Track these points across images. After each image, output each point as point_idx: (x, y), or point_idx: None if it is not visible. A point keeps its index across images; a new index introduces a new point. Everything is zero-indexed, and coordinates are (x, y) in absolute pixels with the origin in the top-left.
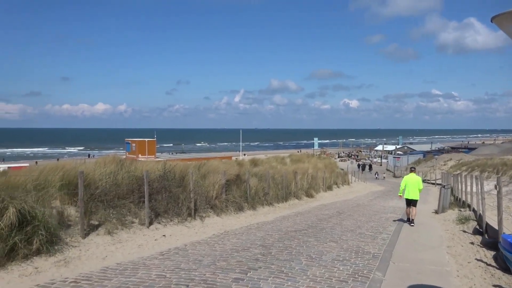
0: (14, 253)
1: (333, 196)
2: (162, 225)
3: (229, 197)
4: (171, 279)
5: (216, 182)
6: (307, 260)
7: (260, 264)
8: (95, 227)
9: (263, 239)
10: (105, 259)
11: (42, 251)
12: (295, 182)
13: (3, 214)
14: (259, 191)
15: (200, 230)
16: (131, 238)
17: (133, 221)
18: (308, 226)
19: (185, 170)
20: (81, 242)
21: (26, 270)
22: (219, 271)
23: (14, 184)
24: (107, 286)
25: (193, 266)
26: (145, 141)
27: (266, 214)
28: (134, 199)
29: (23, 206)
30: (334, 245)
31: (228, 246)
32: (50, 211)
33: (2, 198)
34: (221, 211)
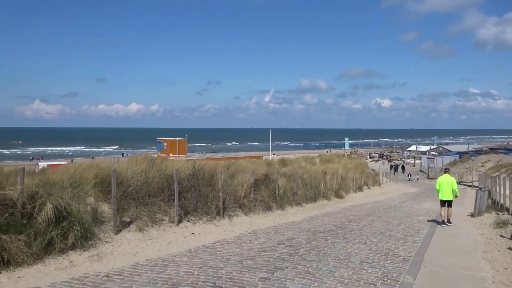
0: (51, 247)
1: (363, 197)
2: (191, 223)
3: (258, 197)
4: (198, 276)
5: (244, 182)
6: (335, 261)
7: (287, 264)
8: (127, 223)
9: (290, 239)
10: (136, 255)
11: (77, 246)
12: (324, 182)
13: (41, 210)
14: (287, 191)
15: (228, 229)
16: (161, 235)
17: (163, 218)
18: (337, 227)
19: (214, 169)
20: (113, 238)
21: (62, 263)
22: (246, 269)
23: (51, 181)
24: (137, 281)
25: (220, 264)
26: (176, 140)
27: (294, 214)
28: (164, 197)
29: (60, 202)
30: (363, 246)
31: (256, 245)
32: (84, 208)
33: (40, 194)
34: (250, 211)
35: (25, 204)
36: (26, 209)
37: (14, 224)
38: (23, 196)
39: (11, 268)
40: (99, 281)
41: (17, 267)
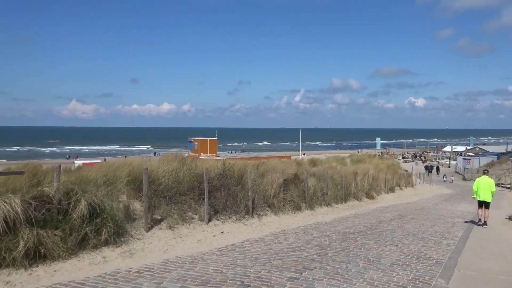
0: (85, 242)
1: (395, 198)
2: (221, 221)
3: (287, 196)
4: (227, 274)
5: (274, 181)
6: (365, 262)
7: (316, 265)
8: (157, 221)
9: (319, 240)
10: (166, 252)
11: (109, 242)
12: (355, 182)
13: (76, 206)
14: (317, 191)
15: (257, 228)
16: (190, 233)
17: (193, 217)
18: (367, 228)
19: (243, 168)
20: (144, 235)
21: (95, 259)
22: (274, 269)
23: (86, 179)
24: (167, 278)
25: (249, 263)
26: (207, 140)
27: (324, 214)
28: (195, 195)
29: (94, 200)
30: (394, 248)
31: (285, 245)
32: (117, 205)
33: (75, 191)
34: (279, 210)
35: (61, 200)
36: (62, 206)
37: (50, 219)
38: (59, 193)
39: (47, 262)
40: (131, 277)
41: (53, 261)
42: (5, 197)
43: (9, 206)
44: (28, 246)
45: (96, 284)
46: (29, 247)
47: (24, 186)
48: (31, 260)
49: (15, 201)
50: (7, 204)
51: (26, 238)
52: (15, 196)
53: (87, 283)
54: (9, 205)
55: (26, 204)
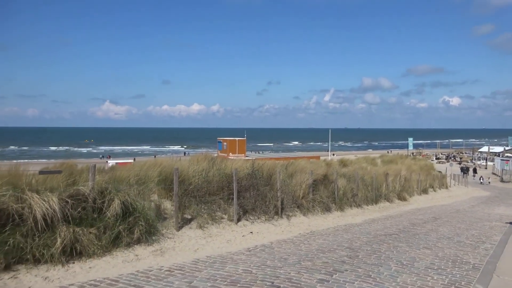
0: (118, 240)
1: (428, 200)
2: (250, 222)
3: (316, 197)
4: (256, 275)
5: (303, 182)
6: (397, 266)
7: (347, 267)
8: (188, 220)
9: (350, 241)
10: (196, 252)
11: (141, 240)
12: (386, 184)
13: (110, 205)
14: (347, 192)
15: (286, 229)
16: (220, 233)
17: (222, 216)
18: (400, 230)
19: (272, 169)
20: (175, 234)
21: (128, 256)
22: (304, 270)
23: (119, 178)
24: (198, 277)
25: (278, 264)
26: (235, 140)
27: (354, 216)
28: (224, 195)
29: (127, 199)
30: (428, 252)
31: (314, 246)
32: (149, 204)
33: (109, 190)
34: (308, 211)
35: (96, 199)
36: (97, 204)
37: (85, 217)
38: (94, 191)
39: (83, 258)
40: (162, 275)
41: (88, 258)
42: (44, 195)
43: (47, 204)
44: (65, 243)
45: (129, 282)
46: (66, 244)
47: (61, 185)
48: (68, 257)
49: (53, 199)
50: (46, 202)
51: (63, 235)
52: (53, 195)
53: (120, 280)
54: (48, 203)
55: (63, 202)
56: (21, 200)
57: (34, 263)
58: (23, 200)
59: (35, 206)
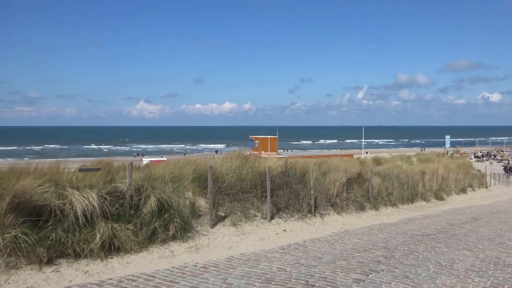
0: (154, 237)
1: (467, 199)
2: (283, 220)
3: (350, 196)
4: (291, 273)
5: (336, 180)
6: (436, 267)
7: (383, 267)
8: (221, 218)
9: (386, 241)
10: (230, 249)
11: (177, 237)
12: (422, 182)
13: (146, 202)
14: (382, 191)
15: (319, 228)
16: (253, 230)
17: (255, 214)
18: (437, 231)
19: (305, 167)
20: (209, 231)
21: (164, 253)
22: (339, 270)
23: (154, 176)
24: (232, 274)
25: (312, 262)
26: (267, 138)
27: (389, 215)
28: (257, 193)
29: (162, 196)
30: (468, 253)
31: (349, 245)
32: (183, 201)
33: (145, 188)
34: (342, 210)
35: (133, 196)
36: (133, 201)
37: (123, 214)
38: (131, 189)
39: (120, 254)
40: (197, 272)
41: (125, 254)
42: (84, 192)
43: (87, 200)
44: (103, 239)
45: (165, 277)
46: (104, 239)
47: (100, 182)
48: (106, 252)
49: (92, 196)
50: (86, 198)
51: (102, 231)
52: (92, 191)
53: (157, 276)
54: (87, 200)
55: (102, 199)
56: (62, 196)
57: (75, 257)
58: (64, 196)
59: (76, 202)
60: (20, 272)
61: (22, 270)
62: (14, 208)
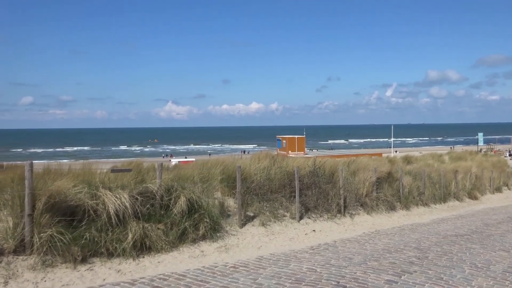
0: (184, 236)
1: (502, 199)
2: (312, 220)
3: (380, 195)
4: (321, 273)
5: (366, 180)
6: (471, 268)
7: (416, 268)
8: (250, 218)
9: (418, 242)
10: (260, 249)
11: (206, 237)
12: (455, 181)
13: (176, 202)
14: (413, 190)
15: (349, 228)
16: (282, 230)
17: (284, 214)
18: (472, 231)
19: (334, 166)
20: (238, 231)
21: (194, 252)
22: (370, 270)
23: (184, 176)
24: (262, 274)
25: (343, 263)
26: (295, 138)
27: (421, 215)
28: (286, 193)
29: (192, 196)
30: (505, 254)
31: (380, 246)
32: (213, 202)
33: (175, 188)
34: (372, 210)
35: (163, 196)
36: (164, 201)
37: (154, 214)
38: (161, 189)
39: (152, 253)
40: (227, 271)
41: (156, 253)
42: (116, 192)
43: (119, 200)
44: (135, 238)
45: (196, 277)
46: (136, 239)
47: (131, 182)
48: (138, 251)
49: (124, 196)
50: (118, 199)
51: (134, 231)
52: (124, 192)
53: (187, 275)
54: (119, 200)
55: (133, 199)
56: (95, 196)
57: (108, 256)
58: (97, 196)
59: (108, 203)
60: (55, 270)
61: (57, 268)
62: (49, 208)
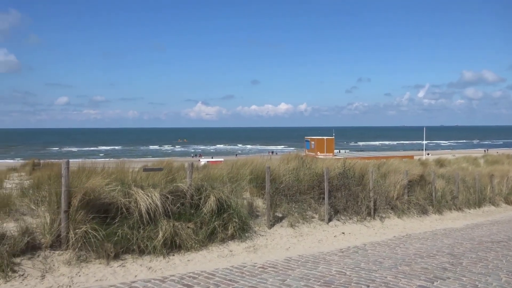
0: (213, 236)
1: None
2: (341, 222)
3: (412, 199)
4: (351, 277)
5: (397, 182)
6: (508, 277)
7: (449, 274)
8: (279, 219)
9: (451, 247)
10: (288, 250)
11: (235, 237)
12: (491, 186)
13: (205, 202)
14: (446, 194)
15: (379, 231)
16: (311, 232)
17: (313, 216)
18: (509, 238)
19: (364, 168)
20: (267, 232)
21: (223, 252)
22: (402, 275)
23: (213, 176)
24: (291, 276)
25: (373, 267)
26: (323, 139)
27: (454, 219)
28: (314, 195)
29: (221, 196)
30: None
31: (411, 250)
32: (241, 202)
33: (205, 187)
34: (402, 213)
35: (193, 195)
36: (194, 200)
37: (184, 213)
38: (192, 188)
39: (181, 251)
40: (256, 272)
41: (186, 251)
42: (147, 191)
43: (150, 199)
44: (165, 236)
45: (225, 276)
46: (166, 237)
47: (162, 181)
48: (168, 249)
49: (155, 194)
50: (149, 197)
51: (164, 229)
52: (155, 190)
53: (216, 274)
54: (151, 198)
55: (164, 197)
56: (128, 195)
57: (139, 253)
58: (129, 195)
59: (140, 201)
60: (89, 266)
61: (91, 264)
62: (84, 205)
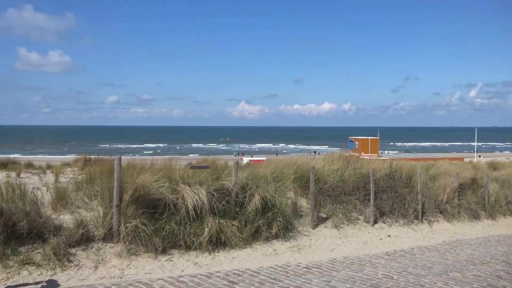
0: (258, 234)
1: None
2: (387, 225)
3: (462, 203)
4: (398, 281)
5: (447, 185)
6: None
7: (504, 283)
8: (323, 219)
9: (506, 255)
10: (333, 251)
11: (279, 236)
12: None
13: (250, 200)
14: (500, 198)
15: (427, 235)
16: (356, 234)
17: (358, 217)
18: None
19: (412, 170)
20: (311, 232)
21: (267, 250)
22: (452, 282)
23: (257, 175)
24: (336, 277)
25: (421, 272)
26: (368, 139)
27: (508, 226)
28: (360, 196)
29: (265, 195)
30: None
31: (462, 256)
32: (286, 201)
33: (249, 186)
34: (452, 217)
35: (238, 194)
36: (239, 199)
37: (229, 210)
38: (237, 187)
39: (226, 249)
40: (300, 272)
41: (231, 249)
42: (194, 188)
43: (197, 196)
44: (211, 233)
45: (269, 275)
46: (212, 234)
47: (208, 179)
48: (213, 246)
49: (201, 192)
50: (196, 194)
51: (210, 226)
52: (201, 188)
53: (261, 272)
54: (197, 195)
55: (210, 195)
56: (175, 191)
57: (186, 249)
58: (177, 191)
59: (187, 198)
60: (139, 259)
61: (140, 257)
62: (135, 200)
